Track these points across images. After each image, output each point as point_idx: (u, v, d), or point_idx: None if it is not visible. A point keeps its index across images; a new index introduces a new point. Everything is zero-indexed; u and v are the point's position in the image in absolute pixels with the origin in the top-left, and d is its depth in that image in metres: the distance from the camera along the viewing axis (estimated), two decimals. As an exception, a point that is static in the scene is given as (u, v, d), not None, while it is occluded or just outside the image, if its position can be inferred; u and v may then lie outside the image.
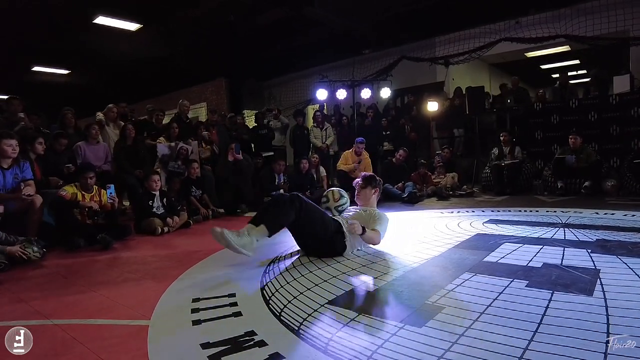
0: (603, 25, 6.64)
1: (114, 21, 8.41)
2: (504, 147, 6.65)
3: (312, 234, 2.81)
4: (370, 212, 3.13)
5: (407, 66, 8.47)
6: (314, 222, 2.75)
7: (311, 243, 2.89)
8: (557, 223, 3.67)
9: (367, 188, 3.27)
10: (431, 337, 1.53)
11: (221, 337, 1.62)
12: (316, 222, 2.76)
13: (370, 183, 3.28)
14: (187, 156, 5.65)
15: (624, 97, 6.18)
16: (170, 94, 12.58)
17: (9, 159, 3.46)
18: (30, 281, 2.66)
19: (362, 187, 3.28)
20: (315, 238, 2.83)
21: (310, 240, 2.88)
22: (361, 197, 3.30)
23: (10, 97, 4.84)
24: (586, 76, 10.12)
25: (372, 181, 3.30)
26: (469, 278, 2.21)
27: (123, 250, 3.57)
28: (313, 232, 2.79)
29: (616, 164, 6.03)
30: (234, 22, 9.05)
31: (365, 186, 3.27)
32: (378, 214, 3.08)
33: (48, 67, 11.26)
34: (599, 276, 2.12)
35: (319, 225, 2.77)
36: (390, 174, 6.57)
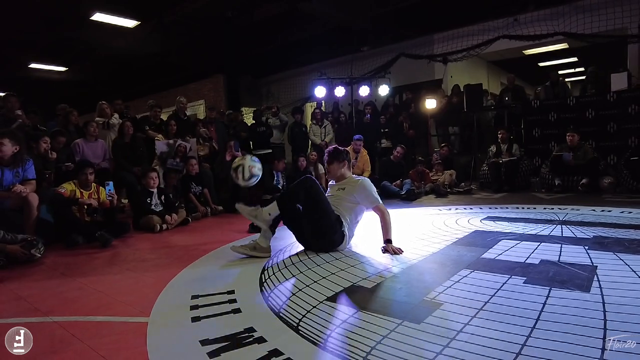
0: (601, 23, 6.66)
1: (111, 18, 8.38)
2: (502, 145, 6.67)
3: (315, 220, 2.81)
4: (349, 186, 3.07)
5: (405, 63, 8.46)
6: (318, 206, 2.79)
7: (311, 233, 2.87)
8: (555, 220, 3.68)
9: (334, 164, 3.17)
10: (430, 334, 1.54)
11: (220, 334, 1.62)
12: (320, 206, 2.80)
13: (336, 158, 3.17)
14: (186, 153, 5.64)
15: (622, 94, 6.19)
16: (168, 90, 12.54)
17: (6, 157, 3.43)
18: (29, 278, 2.65)
19: (329, 164, 3.20)
20: (316, 225, 2.83)
21: (310, 229, 2.86)
22: (331, 175, 3.23)
23: (7, 94, 4.81)
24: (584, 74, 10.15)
25: (337, 156, 3.18)
26: (467, 275, 2.22)
27: (122, 247, 3.57)
28: (316, 217, 2.80)
29: (613, 161, 6.05)
30: (231, 17, 9.03)
31: (332, 162, 3.18)
32: (359, 184, 3.03)
33: (45, 64, 11.22)
34: (596, 273, 2.13)
35: (322, 210, 2.80)
36: (389, 171, 6.58)
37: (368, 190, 3.00)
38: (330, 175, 3.26)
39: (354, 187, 3.04)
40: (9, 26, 8.49)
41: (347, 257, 2.74)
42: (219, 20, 9.18)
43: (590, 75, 7.31)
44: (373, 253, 2.83)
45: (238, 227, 4.21)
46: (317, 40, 10.05)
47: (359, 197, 3.01)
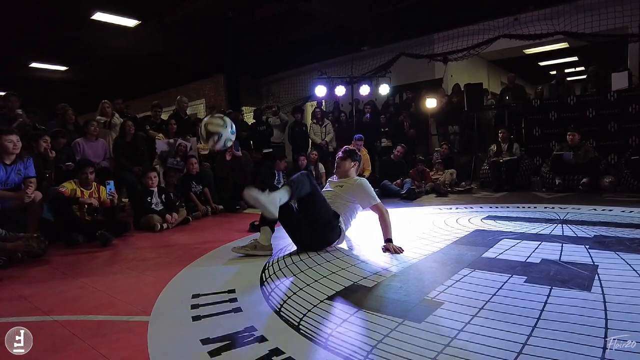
0: (602, 22, 6.66)
1: (111, 17, 8.38)
2: (502, 144, 6.67)
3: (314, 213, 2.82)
4: (347, 184, 3.09)
5: (405, 63, 8.46)
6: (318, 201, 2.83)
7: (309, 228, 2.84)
8: (556, 219, 3.68)
9: (347, 160, 3.20)
10: (430, 333, 1.53)
11: (221, 333, 1.62)
12: (321, 201, 2.86)
13: (350, 156, 3.21)
14: (186, 152, 5.65)
15: (622, 93, 6.19)
16: (168, 90, 12.54)
17: (11, 155, 3.44)
18: (29, 277, 2.65)
19: (342, 159, 3.22)
20: (315, 221, 2.83)
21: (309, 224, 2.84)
22: (340, 170, 3.24)
23: (7, 94, 4.82)
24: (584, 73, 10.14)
25: (353, 154, 3.23)
26: (467, 274, 2.22)
27: (122, 246, 3.57)
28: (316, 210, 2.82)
29: (614, 160, 6.04)
30: (231, 17, 9.03)
31: (345, 158, 3.20)
32: (357, 184, 3.05)
33: (45, 63, 11.22)
34: (597, 272, 2.13)
35: (321, 203, 2.85)
36: (389, 171, 6.58)
37: (366, 190, 3.01)
38: (339, 170, 3.26)
39: (352, 186, 3.06)
40: (10, 26, 8.49)
41: (348, 257, 2.74)
42: (219, 20, 9.18)
43: (591, 75, 7.30)
44: (374, 252, 2.83)
45: (238, 226, 4.22)
46: (317, 40, 10.04)
47: (356, 197, 3.03)
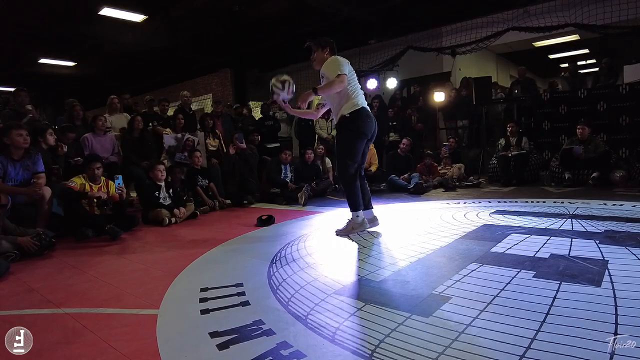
0: (614, 14, 6.50)
1: (119, 12, 8.41)
2: (511, 138, 6.60)
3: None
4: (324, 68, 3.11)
5: (413, 56, 8.37)
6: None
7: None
8: (565, 214, 3.64)
9: (317, 51, 3.23)
10: (438, 327, 1.53)
11: (229, 326, 1.63)
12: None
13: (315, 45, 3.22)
14: (194, 147, 5.67)
15: (635, 86, 6.08)
16: (175, 85, 12.59)
17: (20, 150, 3.48)
18: (40, 271, 2.69)
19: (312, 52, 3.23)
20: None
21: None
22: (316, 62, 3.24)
23: (17, 89, 4.85)
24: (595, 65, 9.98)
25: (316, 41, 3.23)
26: (475, 269, 2.20)
27: (131, 240, 3.61)
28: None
29: (625, 154, 5.95)
30: (238, 11, 9.01)
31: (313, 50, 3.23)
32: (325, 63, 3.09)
33: (54, 59, 11.31)
34: (607, 267, 2.11)
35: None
36: (396, 165, 6.55)
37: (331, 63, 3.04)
38: (315, 63, 3.27)
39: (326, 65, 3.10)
40: (19, 22, 8.56)
41: (356, 251, 2.74)
42: (225, 14, 9.16)
43: (605, 67, 7.18)
44: (382, 247, 2.83)
45: (245, 220, 4.24)
46: (323, 33, 9.82)
47: (326, 71, 3.06)
